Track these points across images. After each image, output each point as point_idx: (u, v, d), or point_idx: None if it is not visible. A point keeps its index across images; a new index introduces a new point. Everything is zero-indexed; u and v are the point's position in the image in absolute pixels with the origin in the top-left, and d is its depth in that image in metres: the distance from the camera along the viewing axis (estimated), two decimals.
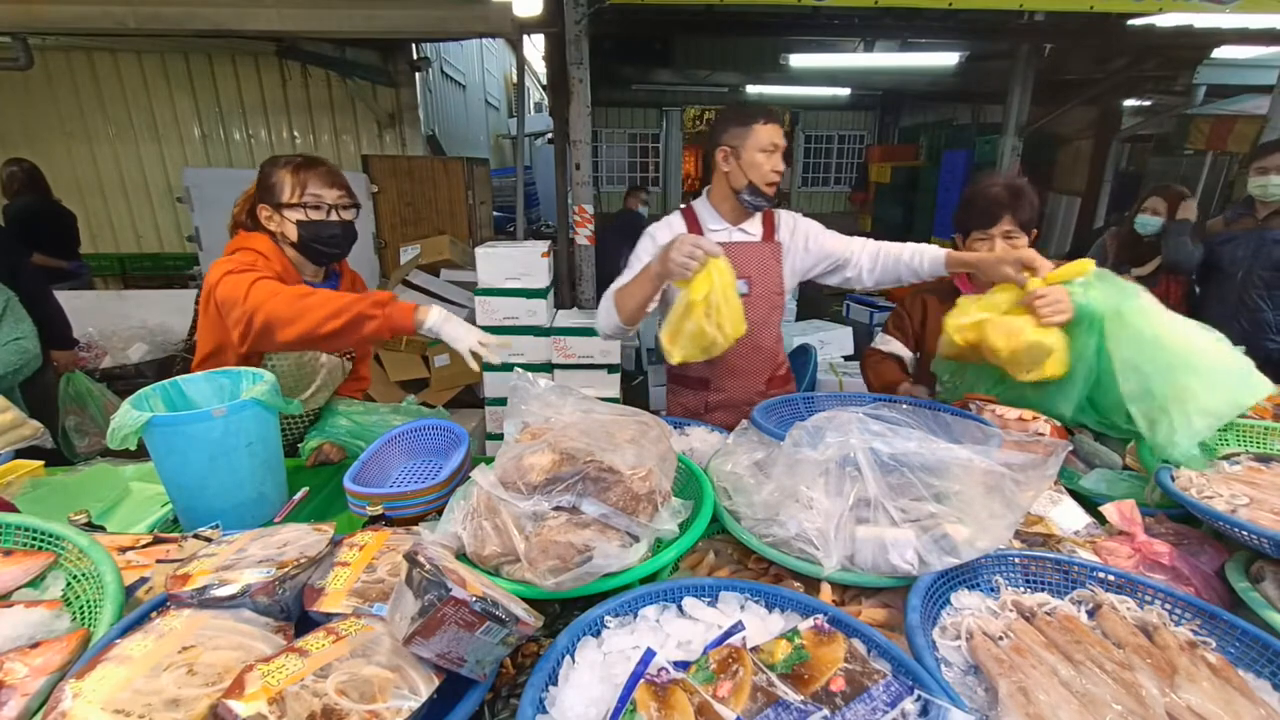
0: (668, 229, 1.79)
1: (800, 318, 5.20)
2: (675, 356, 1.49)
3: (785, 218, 1.87)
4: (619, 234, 5.01)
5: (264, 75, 5.40)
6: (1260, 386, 1.25)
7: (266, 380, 1.29)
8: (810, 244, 1.84)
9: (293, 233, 1.54)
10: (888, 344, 1.98)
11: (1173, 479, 1.12)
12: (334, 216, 1.56)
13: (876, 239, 1.85)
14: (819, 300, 5.89)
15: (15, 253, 2.71)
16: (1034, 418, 1.47)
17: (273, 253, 1.55)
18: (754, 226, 1.82)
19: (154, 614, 0.76)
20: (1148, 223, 3.11)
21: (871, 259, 1.80)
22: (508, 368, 3.13)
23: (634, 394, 4.19)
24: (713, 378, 1.88)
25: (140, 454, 1.24)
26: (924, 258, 1.72)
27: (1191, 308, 2.98)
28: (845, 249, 1.83)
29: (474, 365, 1.45)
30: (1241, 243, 2.77)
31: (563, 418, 1.10)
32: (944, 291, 1.86)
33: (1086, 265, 1.37)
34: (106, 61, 5.20)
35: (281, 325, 1.37)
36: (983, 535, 0.93)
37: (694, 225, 1.80)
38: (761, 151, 1.67)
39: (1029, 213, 1.72)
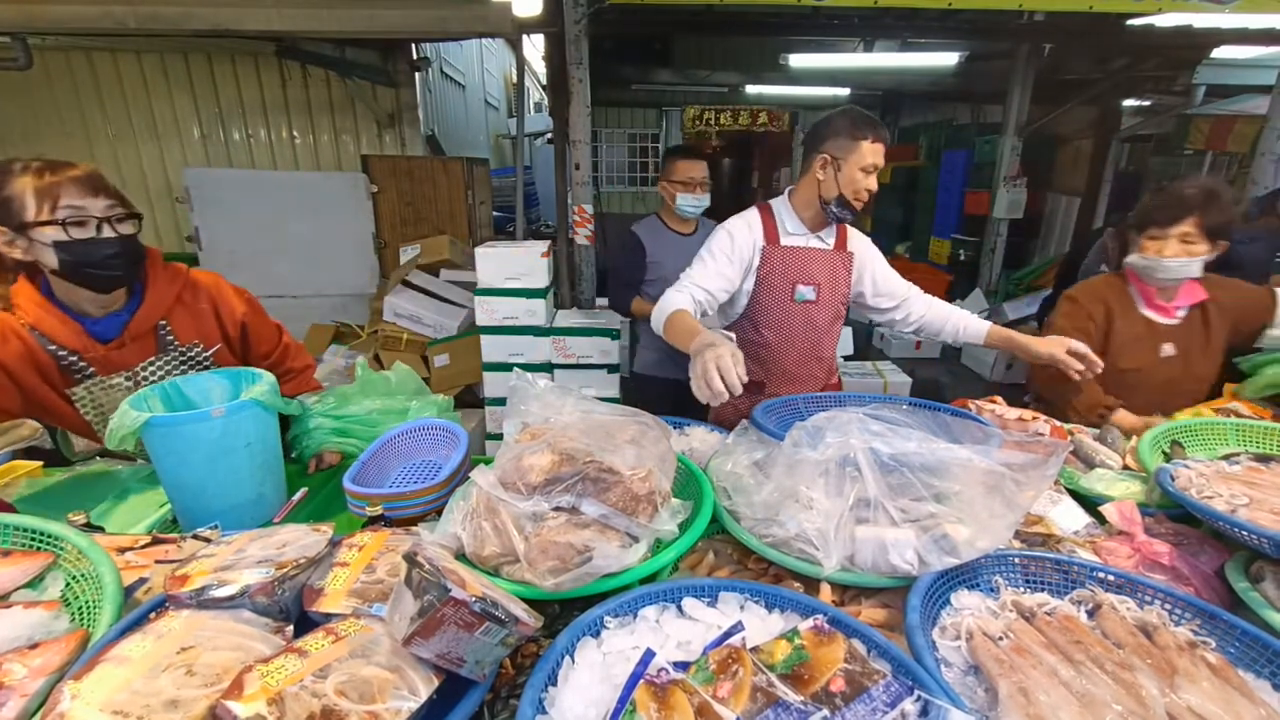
0: (746, 228, 1.75)
1: None
2: None
3: (856, 234, 1.88)
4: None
5: (264, 75, 5.38)
6: None
7: (265, 381, 1.29)
8: (877, 272, 1.86)
9: (51, 259, 1.19)
10: None
11: (1172, 479, 1.12)
12: (107, 232, 1.21)
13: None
14: None
15: None
16: (1034, 418, 1.47)
17: (29, 302, 1.23)
18: (829, 235, 1.83)
19: (153, 615, 0.76)
20: None
21: (924, 308, 1.84)
22: (507, 368, 3.16)
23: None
24: (769, 381, 1.86)
25: (140, 454, 1.24)
26: (968, 326, 1.77)
27: None
28: (904, 290, 1.86)
29: None
30: (1263, 241, 2.71)
31: (562, 418, 1.10)
32: (1123, 302, 1.76)
33: None
34: (106, 61, 5.19)
35: None
36: (983, 535, 0.93)
37: (770, 226, 1.77)
38: (862, 170, 1.63)
39: (1218, 218, 1.61)
